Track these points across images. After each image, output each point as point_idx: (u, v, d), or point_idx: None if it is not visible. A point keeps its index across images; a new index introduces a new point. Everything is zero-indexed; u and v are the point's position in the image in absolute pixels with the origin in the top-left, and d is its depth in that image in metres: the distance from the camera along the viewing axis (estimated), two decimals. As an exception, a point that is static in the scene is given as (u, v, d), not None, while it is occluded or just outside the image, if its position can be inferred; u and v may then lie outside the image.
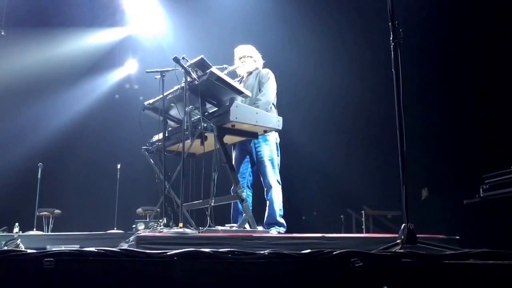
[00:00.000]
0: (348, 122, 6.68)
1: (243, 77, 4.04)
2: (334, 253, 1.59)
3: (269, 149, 3.73)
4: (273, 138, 3.77)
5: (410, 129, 2.26)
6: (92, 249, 1.54)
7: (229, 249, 1.59)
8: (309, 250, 1.62)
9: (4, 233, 5.22)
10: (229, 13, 6.77)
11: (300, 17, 6.53)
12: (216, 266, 1.54)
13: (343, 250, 1.60)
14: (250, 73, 3.98)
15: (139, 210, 6.45)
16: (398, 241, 2.04)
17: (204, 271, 1.52)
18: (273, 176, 3.71)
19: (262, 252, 1.60)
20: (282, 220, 3.69)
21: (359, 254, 1.58)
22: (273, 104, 3.81)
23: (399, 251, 1.81)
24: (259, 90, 3.78)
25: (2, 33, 7.14)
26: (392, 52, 2.28)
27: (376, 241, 2.79)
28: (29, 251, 1.55)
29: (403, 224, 2.06)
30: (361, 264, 1.53)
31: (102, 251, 1.52)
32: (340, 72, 6.46)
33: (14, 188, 6.68)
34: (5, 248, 4.48)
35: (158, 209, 4.13)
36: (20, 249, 4.73)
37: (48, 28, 7.16)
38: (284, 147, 3.97)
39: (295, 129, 5.94)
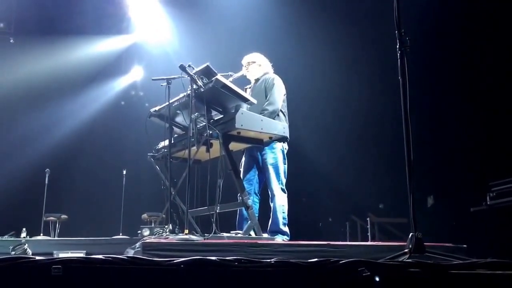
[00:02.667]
0: (354, 129, 6.68)
1: (252, 84, 4.05)
2: (341, 262, 1.58)
3: (274, 157, 3.72)
4: (280, 146, 3.74)
5: (415, 136, 2.26)
6: (100, 256, 1.55)
7: (235, 257, 1.59)
8: (316, 259, 1.61)
9: (12, 238, 5.26)
10: (235, 21, 6.82)
11: (308, 25, 6.55)
12: (222, 274, 1.54)
13: (350, 260, 1.59)
14: (257, 80, 3.99)
15: (144, 215, 6.47)
16: (406, 250, 2.03)
17: (210, 279, 1.52)
18: (277, 184, 3.69)
19: (269, 260, 1.59)
20: (285, 229, 3.67)
21: (366, 263, 1.57)
22: (281, 110, 3.78)
23: (407, 260, 1.80)
24: (265, 97, 3.77)
25: (11, 41, 7.27)
26: (399, 60, 2.28)
27: (382, 250, 2.78)
28: (37, 258, 1.54)
29: (411, 233, 2.04)
30: (368, 273, 1.52)
31: (110, 258, 1.53)
32: (346, 80, 6.48)
33: (21, 194, 6.75)
34: (13, 253, 4.52)
35: (164, 215, 4.15)
36: (27, 254, 4.76)
37: (56, 36, 7.27)
38: (291, 154, 3.95)
39: (301, 136, 5.95)
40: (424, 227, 2.14)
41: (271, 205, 3.71)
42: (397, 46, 2.29)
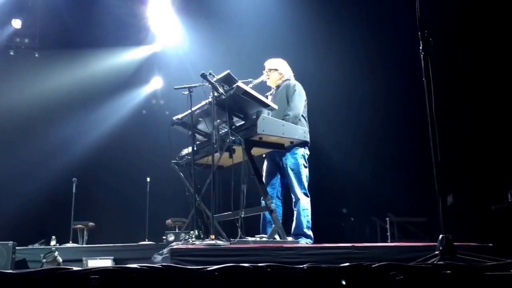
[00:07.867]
0: (373, 129, 6.64)
1: (273, 90, 4.11)
2: (373, 266, 1.57)
3: (295, 163, 3.75)
4: (301, 151, 3.78)
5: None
6: (135, 266, 1.58)
7: (267, 263, 1.59)
8: (347, 264, 1.62)
9: (42, 246, 5.44)
10: (252, 28, 6.88)
11: (327, 28, 6.54)
12: (256, 281, 1.55)
13: (382, 263, 1.58)
14: (278, 86, 4.04)
15: (168, 221, 6.58)
16: (436, 252, 2.01)
17: (244, 286, 1.54)
18: (299, 189, 3.72)
19: (301, 266, 1.60)
20: (309, 232, 3.70)
21: (398, 267, 1.55)
22: (302, 116, 3.84)
23: (439, 263, 1.78)
24: (287, 103, 3.82)
25: (36, 55, 7.55)
26: (422, 61, 2.25)
27: (406, 250, 2.77)
28: (75, 268, 1.58)
29: (441, 235, 2.03)
30: (401, 277, 1.51)
31: (145, 268, 1.57)
32: (368, 80, 6.46)
33: (50, 203, 6.97)
34: (44, 260, 4.68)
35: (187, 220, 4.23)
36: (58, 261, 4.89)
37: (78, 49, 7.51)
38: (311, 155, 3.96)
39: (321, 136, 5.96)
40: (445, 226, 2.12)
41: (294, 209, 3.74)
42: (420, 48, 2.26)
